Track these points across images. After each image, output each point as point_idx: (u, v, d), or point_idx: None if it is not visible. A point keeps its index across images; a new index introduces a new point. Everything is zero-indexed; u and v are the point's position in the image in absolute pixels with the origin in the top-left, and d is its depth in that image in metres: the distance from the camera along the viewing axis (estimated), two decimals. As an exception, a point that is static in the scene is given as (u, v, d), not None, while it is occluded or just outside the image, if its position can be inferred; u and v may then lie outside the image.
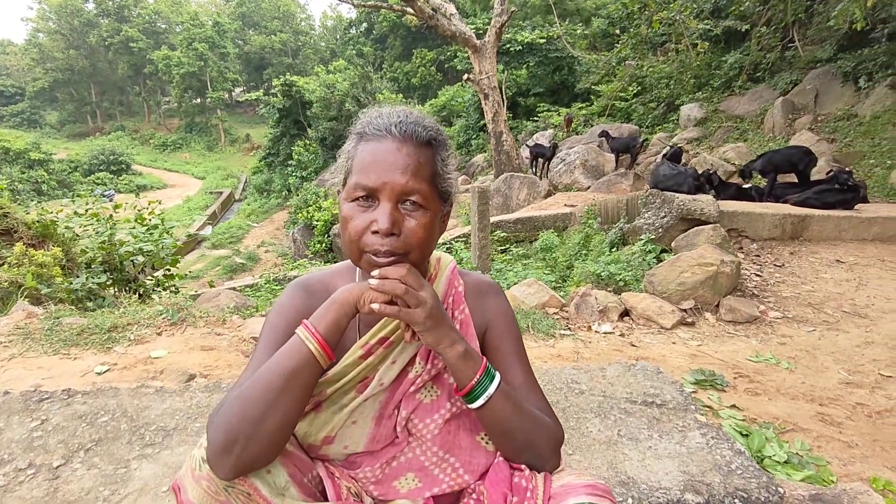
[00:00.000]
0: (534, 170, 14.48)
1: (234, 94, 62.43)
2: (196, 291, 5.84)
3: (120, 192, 32.25)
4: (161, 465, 1.43)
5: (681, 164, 8.23)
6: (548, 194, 11.97)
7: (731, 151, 11.49)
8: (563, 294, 4.59)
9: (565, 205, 9.89)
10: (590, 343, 3.49)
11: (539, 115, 20.50)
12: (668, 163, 7.56)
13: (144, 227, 4.93)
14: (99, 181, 37.57)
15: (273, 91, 31.46)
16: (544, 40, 21.49)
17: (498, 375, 0.94)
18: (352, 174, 0.90)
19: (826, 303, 4.15)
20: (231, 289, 6.95)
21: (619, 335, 3.71)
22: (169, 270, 5.15)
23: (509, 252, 7.67)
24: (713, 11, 15.17)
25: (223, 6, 67.74)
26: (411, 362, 1.01)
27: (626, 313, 4.10)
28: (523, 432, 0.94)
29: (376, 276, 0.86)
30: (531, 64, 21.77)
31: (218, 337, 3.12)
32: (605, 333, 3.74)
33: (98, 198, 6.29)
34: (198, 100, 54.16)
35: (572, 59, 21.16)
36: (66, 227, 4.51)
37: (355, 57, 37.24)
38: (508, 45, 21.15)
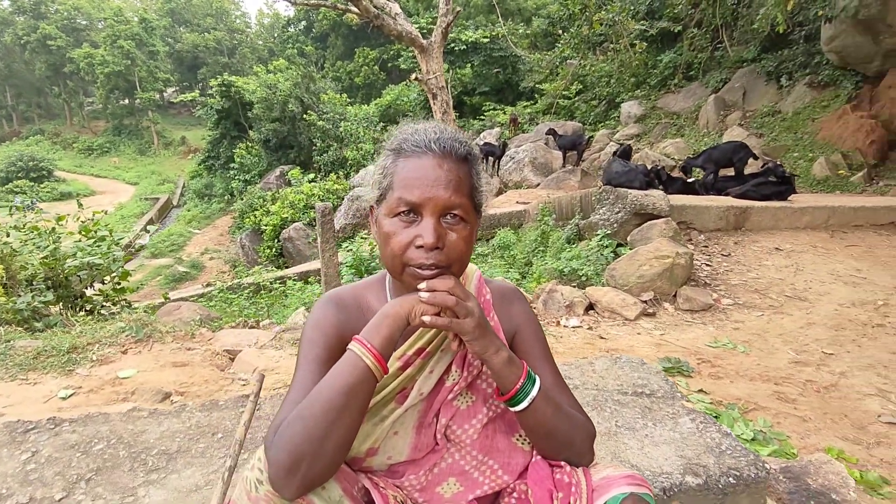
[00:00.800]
0: (484, 168, 14.67)
1: (167, 95, 59.28)
2: (144, 304, 5.57)
3: (42, 202, 29.97)
4: (171, 491, 1.38)
5: (631, 162, 8.59)
6: (499, 192, 12.19)
7: (671, 146, 12.09)
8: (526, 290, 4.71)
9: (517, 202, 10.09)
10: (561, 338, 3.61)
11: (485, 114, 20.80)
12: (620, 160, 7.88)
13: (91, 240, 4.65)
14: (17, 189, 34.72)
15: (210, 92, 30.12)
16: (488, 39, 21.80)
17: (538, 379, 0.98)
18: (393, 190, 0.92)
19: (770, 288, 4.48)
20: (182, 299, 6.68)
21: (588, 329, 3.86)
22: (119, 284, 4.89)
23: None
24: (648, 13, 15.88)
25: (150, 2, 64.23)
26: (447, 371, 1.04)
27: (591, 307, 4.26)
28: (563, 431, 0.99)
29: (425, 289, 0.89)
30: (476, 63, 22.04)
31: (189, 352, 3.00)
32: (574, 328, 3.88)
33: (21, 207, 5.82)
34: (126, 101, 51.00)
35: (516, 59, 21.58)
36: (4, 243, 4.19)
37: (297, 56, 36.35)
38: (453, 45, 21.33)
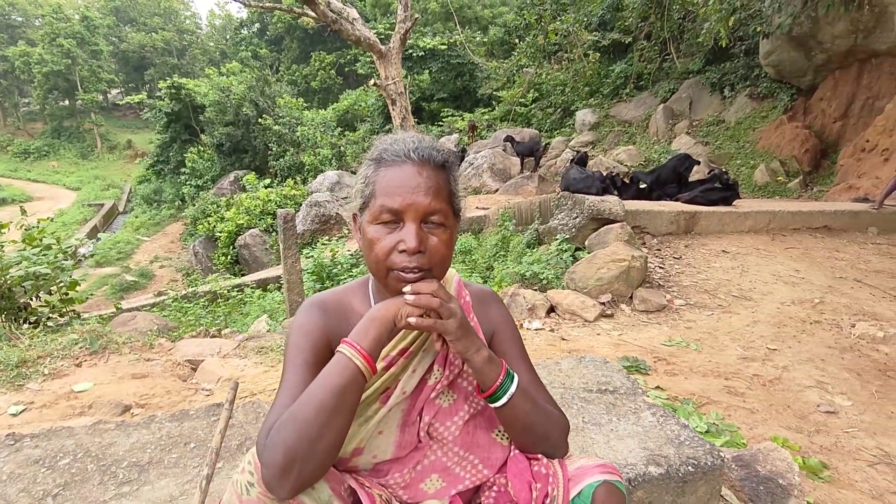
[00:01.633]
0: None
1: (112, 97, 56.64)
2: (94, 314, 5.34)
3: (-27, 208, 28.13)
4: (145, 502, 1.35)
5: (587, 168, 8.86)
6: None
7: (623, 154, 12.53)
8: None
9: (477, 207, 10.22)
10: (525, 340, 3.69)
11: (444, 120, 20.95)
12: (577, 167, 8.11)
13: (37, 248, 4.42)
14: (-56, 195, 32.48)
15: (159, 94, 29.01)
16: (446, 46, 21.99)
17: (516, 376, 1.03)
18: (375, 198, 0.96)
19: (719, 289, 4.72)
20: (135, 309, 6.43)
21: (549, 330, 3.97)
22: (67, 294, 4.67)
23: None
24: (601, 24, 16.44)
25: (92, -1, 61.40)
26: (429, 370, 1.08)
27: (553, 309, 4.39)
28: (540, 425, 1.05)
29: (410, 292, 0.93)
30: (434, 69, 22.17)
31: (149, 363, 2.91)
32: (537, 330, 3.99)
33: None
34: (66, 102, 48.25)
35: (473, 66, 21.86)
36: (-61, 253, 3.93)
37: (251, 59, 35.58)
38: (411, 51, 21.39)
